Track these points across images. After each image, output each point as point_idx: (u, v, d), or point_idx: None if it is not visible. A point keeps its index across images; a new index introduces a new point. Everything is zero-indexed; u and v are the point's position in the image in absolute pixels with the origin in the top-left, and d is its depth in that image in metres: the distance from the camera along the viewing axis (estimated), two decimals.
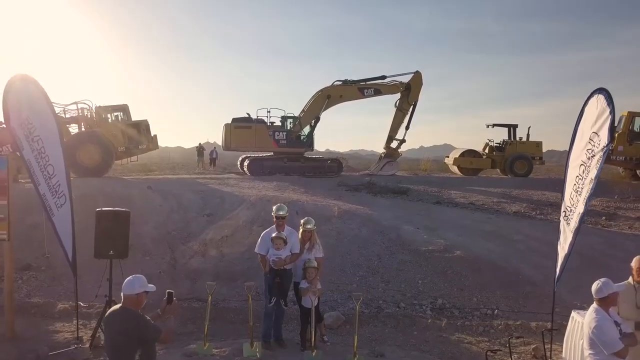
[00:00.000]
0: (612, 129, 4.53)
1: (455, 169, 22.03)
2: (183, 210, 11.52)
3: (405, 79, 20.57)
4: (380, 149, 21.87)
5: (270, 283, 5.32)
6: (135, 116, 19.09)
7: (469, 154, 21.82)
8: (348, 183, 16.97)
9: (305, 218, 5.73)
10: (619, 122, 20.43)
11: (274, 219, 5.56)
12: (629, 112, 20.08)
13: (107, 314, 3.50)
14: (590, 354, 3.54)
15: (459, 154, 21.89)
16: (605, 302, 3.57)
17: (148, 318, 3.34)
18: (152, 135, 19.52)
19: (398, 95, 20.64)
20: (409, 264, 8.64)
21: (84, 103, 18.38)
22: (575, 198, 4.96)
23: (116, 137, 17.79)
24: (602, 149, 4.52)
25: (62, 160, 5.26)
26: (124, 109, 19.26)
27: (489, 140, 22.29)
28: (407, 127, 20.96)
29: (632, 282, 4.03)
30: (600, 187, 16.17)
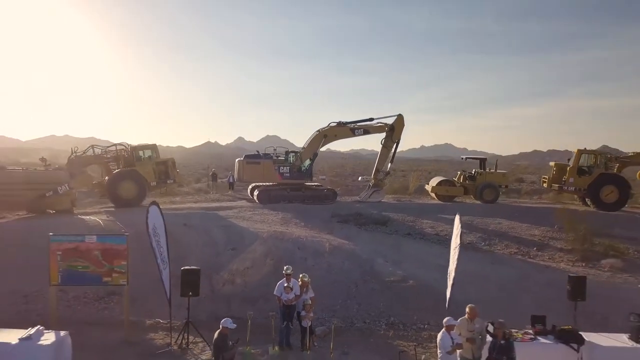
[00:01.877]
0: (461, 235, 8.47)
1: (433, 195, 25.92)
2: (213, 244, 15.42)
3: (390, 120, 24.49)
4: (379, 148, 24.97)
5: (283, 313, 9.26)
6: (136, 116, 23.47)
7: (445, 183, 25.69)
8: (340, 213, 20.78)
9: (303, 273, 9.67)
10: (571, 157, 24.36)
11: (284, 274, 9.49)
12: (578, 149, 24.01)
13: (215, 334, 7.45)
14: (439, 353, 7.45)
15: (436, 183, 25.78)
16: (447, 328, 7.46)
17: (230, 342, 7.25)
18: (177, 171, 23.56)
19: (383, 135, 24.55)
20: (376, 291, 12.56)
21: (122, 145, 22.39)
22: (452, 266, 8.88)
23: (148, 174, 21.76)
24: (457, 246, 8.46)
25: (165, 243, 9.21)
26: (153, 147, 23.25)
27: (463, 171, 26.21)
28: (391, 161, 24.88)
29: (466, 317, 7.89)
30: (546, 217, 19.97)
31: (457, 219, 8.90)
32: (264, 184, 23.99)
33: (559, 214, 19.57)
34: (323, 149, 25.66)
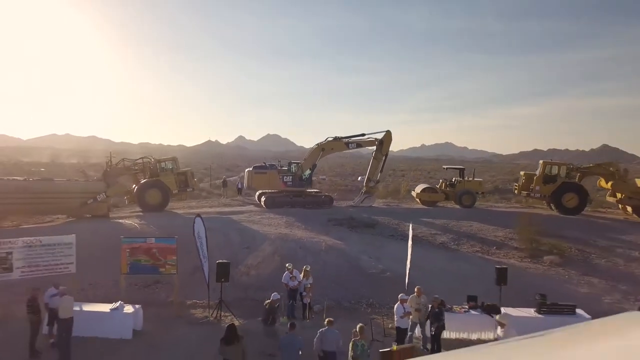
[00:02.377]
0: (413, 237, 12.15)
1: (417, 201, 29.59)
2: (230, 244, 19.09)
3: (380, 135, 28.18)
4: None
5: (289, 294, 12.98)
6: (136, 115, 27.67)
7: (428, 190, 29.40)
8: (335, 217, 24.45)
9: (306, 265, 13.37)
10: (538, 168, 28.02)
11: (287, 269, 13.20)
12: (543, 161, 27.70)
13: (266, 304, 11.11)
14: (395, 318, 11.15)
15: (420, 189, 29.48)
16: (401, 301, 11.14)
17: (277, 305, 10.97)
18: (194, 180, 27.27)
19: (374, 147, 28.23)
20: (360, 281, 16.25)
21: (147, 158, 26.09)
22: (408, 259, 12.55)
23: (171, 183, 25.47)
24: (410, 245, 12.14)
25: (205, 244, 12.92)
26: (174, 160, 26.98)
27: (444, 180, 29.92)
28: (381, 171, 28.58)
29: (415, 294, 11.56)
30: (514, 220, 23.60)
31: (410, 226, 12.59)
32: (270, 191, 27.68)
33: (520, 217, 23.23)
34: None
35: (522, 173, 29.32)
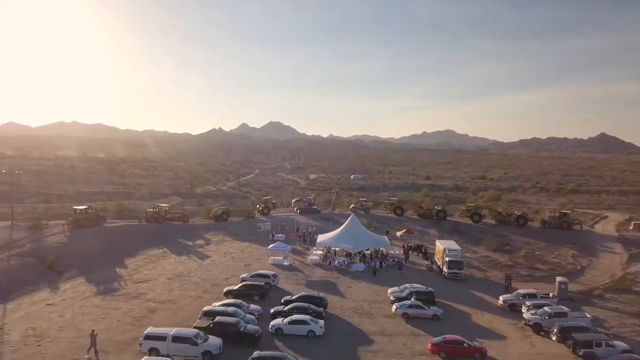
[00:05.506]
0: (337, 222, 72.47)
1: (350, 209, 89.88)
2: (294, 225, 79.45)
3: (337, 188, 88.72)
4: (383, 135, 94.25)
5: (302, 231, 73.40)
6: (142, 103, 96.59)
7: (355, 207, 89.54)
8: (321, 217, 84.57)
9: (314, 229, 73.61)
10: (386, 200, 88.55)
11: (310, 229, 73.39)
12: (389, 199, 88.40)
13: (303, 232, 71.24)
14: None
15: (351, 206, 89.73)
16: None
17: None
18: (277, 204, 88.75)
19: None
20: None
21: (263, 198, 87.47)
22: (331, 225, 72.90)
23: (272, 205, 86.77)
24: (331, 223, 72.59)
25: (295, 223, 73.15)
26: (270, 199, 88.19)
27: (359, 202, 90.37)
28: (338, 197, 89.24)
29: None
30: (374, 217, 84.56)
31: (331, 222, 72.16)
32: (301, 207, 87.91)
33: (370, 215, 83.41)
34: (326, 136, 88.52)
35: (387, 202, 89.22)
